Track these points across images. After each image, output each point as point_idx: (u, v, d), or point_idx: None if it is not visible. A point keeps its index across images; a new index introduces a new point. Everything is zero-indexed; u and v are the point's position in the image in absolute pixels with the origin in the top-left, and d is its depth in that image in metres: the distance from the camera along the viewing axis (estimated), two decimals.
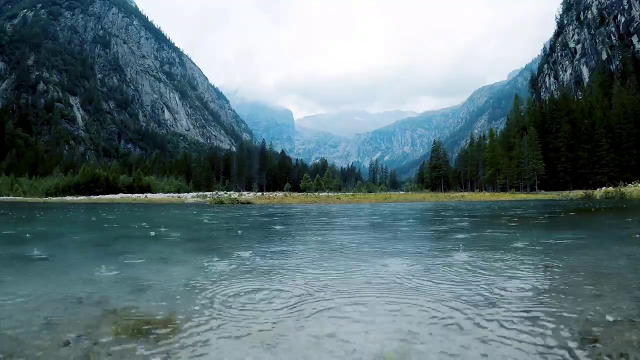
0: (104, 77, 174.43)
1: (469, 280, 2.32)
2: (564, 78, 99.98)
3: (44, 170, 69.56)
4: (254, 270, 2.73)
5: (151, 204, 24.12)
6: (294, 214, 12.02)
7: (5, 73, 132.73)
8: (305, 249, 3.93)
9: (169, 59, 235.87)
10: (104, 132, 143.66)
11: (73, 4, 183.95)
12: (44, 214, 12.34)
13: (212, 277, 2.50)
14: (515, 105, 68.40)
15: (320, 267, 2.83)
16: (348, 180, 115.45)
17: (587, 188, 41.06)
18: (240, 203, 20.54)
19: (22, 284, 2.36)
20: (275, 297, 1.97)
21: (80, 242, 5.18)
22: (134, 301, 1.92)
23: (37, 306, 1.85)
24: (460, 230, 5.78)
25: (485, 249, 3.66)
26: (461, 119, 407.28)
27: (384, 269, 2.70)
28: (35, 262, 3.29)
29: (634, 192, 19.78)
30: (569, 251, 3.45)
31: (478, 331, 1.45)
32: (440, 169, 78.09)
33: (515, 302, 1.81)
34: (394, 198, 26.71)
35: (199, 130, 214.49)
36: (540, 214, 10.01)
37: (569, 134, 55.51)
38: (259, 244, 4.42)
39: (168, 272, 2.70)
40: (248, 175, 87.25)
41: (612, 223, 7.15)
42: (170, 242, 4.89)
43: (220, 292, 2.08)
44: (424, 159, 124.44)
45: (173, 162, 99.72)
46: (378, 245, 4.26)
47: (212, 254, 3.65)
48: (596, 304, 1.76)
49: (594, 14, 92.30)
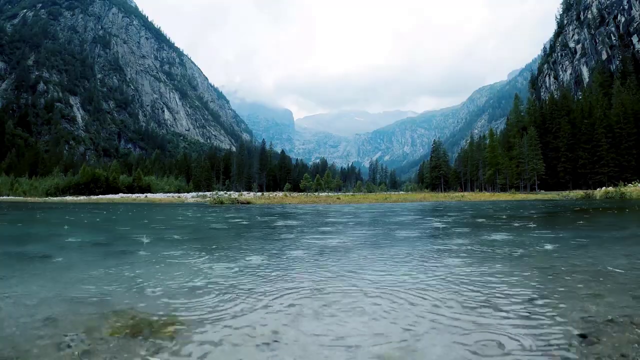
0: (104, 77, 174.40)
1: (469, 279, 2.32)
2: (564, 78, 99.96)
3: (44, 170, 69.54)
4: (253, 271, 2.73)
5: (151, 203, 24.13)
6: (294, 214, 12.02)
7: (5, 73, 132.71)
8: (305, 249, 3.92)
9: (169, 59, 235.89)
10: (104, 132, 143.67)
11: (73, 4, 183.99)
12: (44, 214, 12.34)
13: (211, 277, 2.50)
14: (515, 105, 68.37)
15: (319, 268, 2.82)
16: (348, 180, 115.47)
17: (587, 188, 41.08)
18: (240, 203, 20.55)
19: (22, 284, 2.36)
20: (275, 297, 1.97)
21: (80, 242, 5.18)
22: (134, 301, 1.92)
23: (37, 306, 1.84)
24: (460, 232, 5.78)
25: (485, 249, 3.66)
26: (461, 119, 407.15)
27: (376, 274, 2.69)
28: (35, 262, 3.29)
29: (634, 192, 19.77)
30: (569, 251, 3.45)
31: (478, 331, 1.45)
32: (440, 169, 78.10)
33: (515, 302, 1.81)
34: (394, 198, 26.72)
35: (199, 130, 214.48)
36: (540, 214, 10.01)
37: (569, 134, 55.50)
38: (259, 245, 4.42)
39: (168, 272, 2.69)
40: (248, 175, 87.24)
41: (612, 223, 7.15)
42: (170, 242, 4.89)
43: (220, 292, 2.07)
44: (423, 159, 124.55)
45: (173, 162, 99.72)
46: (374, 247, 4.25)
47: (211, 254, 3.65)
48: (596, 304, 1.76)
49: (594, 14, 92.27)
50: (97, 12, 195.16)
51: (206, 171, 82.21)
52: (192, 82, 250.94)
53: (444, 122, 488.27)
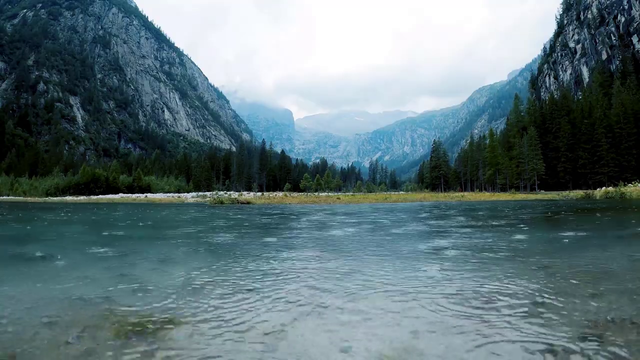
0: (104, 77, 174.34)
1: (469, 280, 2.32)
2: (564, 78, 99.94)
3: (44, 170, 69.53)
4: (253, 271, 2.73)
5: (151, 204, 24.13)
6: (294, 214, 12.02)
7: (5, 73, 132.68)
8: (304, 249, 3.92)
9: (169, 59, 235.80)
10: (104, 132, 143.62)
11: (73, 4, 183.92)
12: (44, 214, 12.34)
13: (211, 277, 2.50)
14: (515, 105, 68.33)
15: (319, 267, 2.82)
16: (348, 180, 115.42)
17: (587, 188, 41.06)
18: (240, 203, 20.55)
19: (23, 284, 2.36)
20: (275, 297, 1.97)
21: (80, 242, 5.19)
22: (134, 301, 1.92)
23: (37, 306, 1.85)
24: (460, 233, 5.78)
25: (484, 249, 3.66)
26: (461, 119, 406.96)
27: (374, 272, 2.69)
28: (36, 262, 3.29)
29: (634, 192, 19.77)
30: (569, 251, 3.45)
31: (479, 330, 1.45)
32: (440, 169, 78.06)
33: (515, 302, 1.81)
34: (394, 198, 26.72)
35: (199, 130, 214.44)
36: (540, 214, 10.01)
37: (569, 134, 55.47)
38: (259, 245, 4.42)
39: (168, 272, 2.70)
40: (248, 175, 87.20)
41: (612, 223, 7.15)
42: (170, 242, 4.90)
43: (220, 292, 2.08)
44: (423, 159, 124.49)
45: (173, 162, 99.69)
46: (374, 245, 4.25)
47: (211, 254, 3.65)
48: (596, 304, 1.76)
49: (594, 14, 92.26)
50: (97, 12, 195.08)
51: (206, 171, 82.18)
52: (192, 82, 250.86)
53: (444, 122, 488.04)
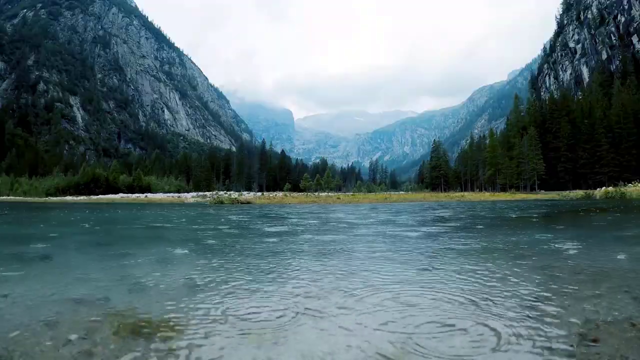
0: (104, 77, 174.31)
1: (468, 279, 2.32)
2: (564, 78, 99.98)
3: (44, 170, 69.57)
4: (253, 271, 2.73)
5: (151, 204, 24.12)
6: (294, 214, 12.02)
7: (5, 73, 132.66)
8: (303, 249, 3.93)
9: (169, 59, 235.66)
10: (104, 132, 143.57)
11: (73, 4, 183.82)
12: (44, 214, 12.34)
13: (211, 277, 2.50)
14: (515, 105, 68.31)
15: (319, 267, 2.82)
16: (348, 180, 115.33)
17: (587, 188, 41.03)
18: (240, 203, 20.55)
19: (23, 284, 2.35)
20: (275, 297, 1.97)
21: (80, 242, 5.19)
22: (134, 301, 1.92)
23: (37, 306, 1.84)
24: (460, 233, 5.78)
25: (484, 249, 3.66)
26: (461, 119, 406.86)
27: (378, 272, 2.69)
28: (36, 262, 3.29)
29: (634, 192, 19.78)
30: (569, 251, 3.45)
31: (479, 330, 1.45)
32: (440, 169, 78.03)
33: (515, 302, 1.81)
34: (394, 198, 26.72)
35: (199, 130, 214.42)
36: (540, 214, 10.01)
37: (569, 134, 55.45)
38: (260, 245, 4.42)
39: (168, 272, 2.70)
40: (248, 175, 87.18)
41: (612, 223, 7.15)
42: (170, 242, 4.90)
43: (219, 292, 2.07)
44: (424, 159, 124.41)
45: (173, 162, 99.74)
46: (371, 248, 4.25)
47: (211, 254, 3.65)
48: (596, 304, 1.76)
49: (594, 14, 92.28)
50: (97, 12, 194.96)
51: (206, 171, 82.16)
52: (192, 82, 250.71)
53: (444, 122, 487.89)
